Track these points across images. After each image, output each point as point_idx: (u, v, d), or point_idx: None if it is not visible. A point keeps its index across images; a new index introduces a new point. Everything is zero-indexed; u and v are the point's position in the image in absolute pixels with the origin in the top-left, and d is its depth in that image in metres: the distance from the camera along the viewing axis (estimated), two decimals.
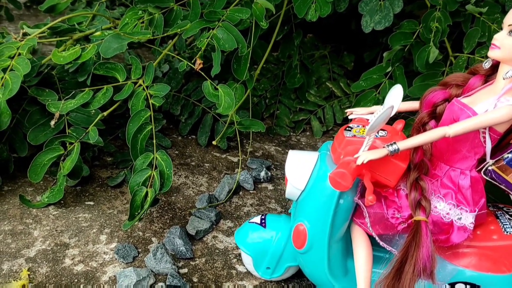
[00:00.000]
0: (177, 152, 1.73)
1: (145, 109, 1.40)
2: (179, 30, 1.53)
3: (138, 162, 1.33)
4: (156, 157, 1.33)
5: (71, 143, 1.38)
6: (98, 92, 1.46)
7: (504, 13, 1.69)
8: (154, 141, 1.37)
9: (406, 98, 1.40)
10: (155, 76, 1.56)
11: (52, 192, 1.38)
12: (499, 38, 0.95)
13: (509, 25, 0.93)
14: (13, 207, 1.36)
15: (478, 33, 1.64)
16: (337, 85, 2.08)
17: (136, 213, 1.27)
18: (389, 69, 1.71)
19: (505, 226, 1.03)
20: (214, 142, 1.71)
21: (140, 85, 1.47)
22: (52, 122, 1.40)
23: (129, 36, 1.46)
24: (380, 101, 1.69)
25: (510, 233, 1.02)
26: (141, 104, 1.42)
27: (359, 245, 1.07)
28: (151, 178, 1.30)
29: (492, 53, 0.96)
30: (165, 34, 1.60)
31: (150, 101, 1.42)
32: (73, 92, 1.45)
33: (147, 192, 1.28)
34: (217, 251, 1.32)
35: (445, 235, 1.00)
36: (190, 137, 1.83)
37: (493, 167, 0.98)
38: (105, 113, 1.44)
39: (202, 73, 1.47)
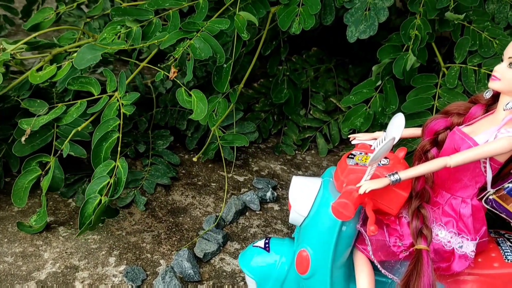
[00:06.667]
0: (184, 171, 1.75)
1: (115, 118, 1.38)
2: (156, 41, 1.52)
3: (98, 170, 1.31)
4: (117, 165, 1.32)
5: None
6: (72, 107, 1.46)
7: (494, 21, 1.69)
8: (119, 149, 1.36)
9: (397, 111, 1.39)
10: (158, 93, 1.55)
11: (39, 215, 1.39)
12: (499, 70, 0.97)
13: (509, 58, 0.95)
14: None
15: (469, 42, 1.62)
16: (342, 99, 2.09)
17: (87, 222, 1.25)
18: (379, 83, 1.68)
19: (506, 253, 1.04)
20: (194, 159, 1.70)
21: (116, 97, 1.46)
22: (23, 138, 1.40)
23: (103, 46, 1.45)
24: (370, 116, 1.67)
25: (511, 260, 1.03)
26: (112, 114, 1.41)
27: (361, 270, 1.08)
28: (109, 185, 1.29)
29: (493, 85, 0.98)
30: (142, 45, 1.58)
31: (121, 110, 1.41)
32: (46, 108, 1.47)
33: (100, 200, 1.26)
34: (224, 274, 1.34)
35: (446, 263, 1.01)
36: (196, 155, 1.85)
37: (494, 196, 1.00)
38: (79, 128, 1.43)
39: (178, 81, 1.47)
